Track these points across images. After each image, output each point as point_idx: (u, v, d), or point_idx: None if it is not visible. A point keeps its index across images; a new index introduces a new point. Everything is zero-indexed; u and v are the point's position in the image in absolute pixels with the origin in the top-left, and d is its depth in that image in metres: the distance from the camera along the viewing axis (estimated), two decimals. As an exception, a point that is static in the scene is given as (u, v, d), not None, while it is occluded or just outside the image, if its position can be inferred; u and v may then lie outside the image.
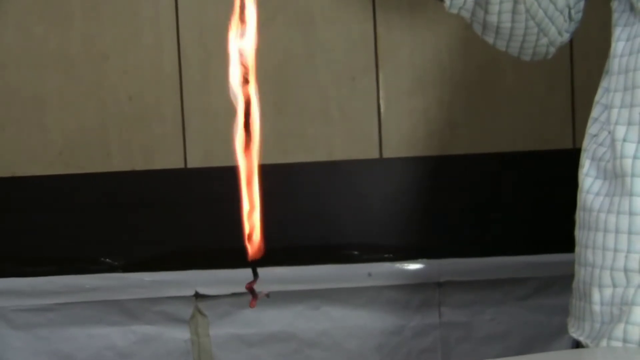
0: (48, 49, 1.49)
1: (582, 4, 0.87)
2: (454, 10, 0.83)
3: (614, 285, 0.75)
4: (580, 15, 0.87)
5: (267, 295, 0.56)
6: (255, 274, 0.55)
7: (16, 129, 1.50)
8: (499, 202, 1.49)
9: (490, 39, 0.87)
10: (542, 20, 0.84)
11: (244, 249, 0.55)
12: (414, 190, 1.50)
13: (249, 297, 0.55)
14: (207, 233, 1.47)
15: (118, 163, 1.50)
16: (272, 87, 1.47)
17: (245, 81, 0.54)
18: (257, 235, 0.53)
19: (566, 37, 0.88)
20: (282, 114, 1.48)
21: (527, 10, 0.82)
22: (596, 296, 0.77)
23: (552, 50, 0.89)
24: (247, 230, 0.53)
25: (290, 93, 1.49)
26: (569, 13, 0.86)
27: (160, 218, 1.50)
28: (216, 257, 1.42)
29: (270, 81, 1.46)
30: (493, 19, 0.82)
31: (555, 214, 0.95)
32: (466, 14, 0.83)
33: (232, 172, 0.61)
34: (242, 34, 0.53)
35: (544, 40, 0.87)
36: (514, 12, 0.82)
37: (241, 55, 0.52)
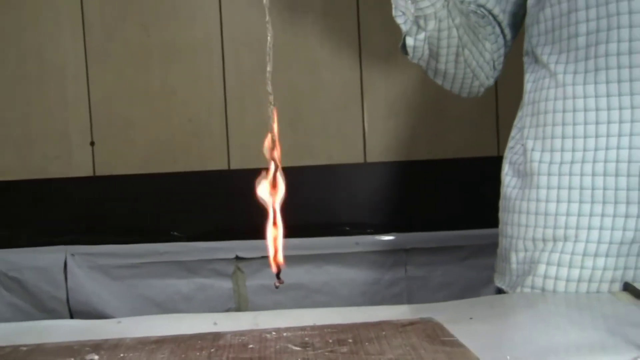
0: (135, 85, 1.50)
1: (502, 58, 0.86)
2: (415, 60, 0.81)
3: (525, 250, 0.76)
4: (501, 65, 0.87)
5: (277, 287, 0.56)
6: (279, 277, 0.55)
7: (113, 142, 1.52)
8: (447, 193, 1.50)
9: (439, 81, 0.86)
10: (475, 68, 0.84)
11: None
12: (389, 185, 1.50)
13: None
14: (244, 215, 1.46)
15: (181, 166, 1.51)
16: (288, 112, 1.47)
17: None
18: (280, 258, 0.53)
19: (492, 80, 0.87)
20: (295, 131, 1.48)
21: (465, 61, 0.81)
22: (513, 258, 0.77)
23: (482, 90, 0.88)
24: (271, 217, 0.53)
25: (301, 116, 1.49)
26: (494, 64, 0.86)
27: (211, 204, 1.50)
28: (251, 231, 1.42)
29: (287, 108, 1.47)
30: (441, 66, 0.81)
31: (485, 202, 0.96)
32: (423, 63, 0.82)
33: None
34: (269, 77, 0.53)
35: (477, 83, 0.86)
36: (456, 62, 0.81)
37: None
